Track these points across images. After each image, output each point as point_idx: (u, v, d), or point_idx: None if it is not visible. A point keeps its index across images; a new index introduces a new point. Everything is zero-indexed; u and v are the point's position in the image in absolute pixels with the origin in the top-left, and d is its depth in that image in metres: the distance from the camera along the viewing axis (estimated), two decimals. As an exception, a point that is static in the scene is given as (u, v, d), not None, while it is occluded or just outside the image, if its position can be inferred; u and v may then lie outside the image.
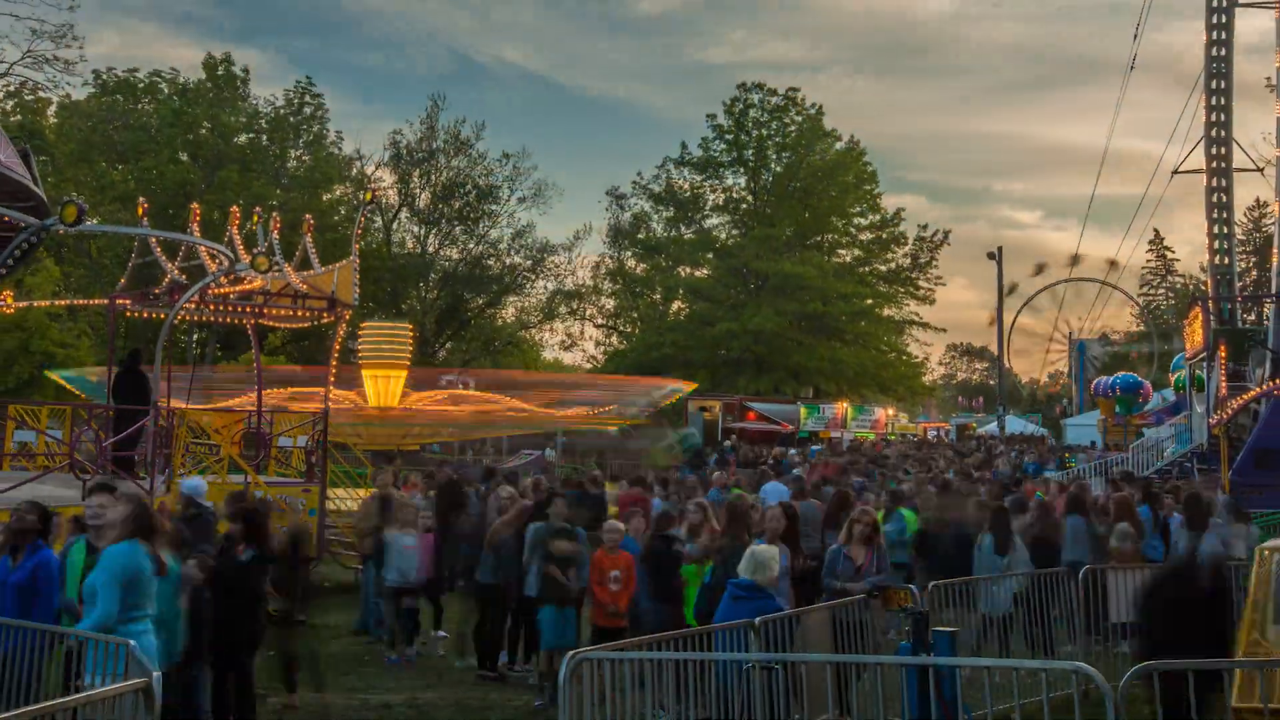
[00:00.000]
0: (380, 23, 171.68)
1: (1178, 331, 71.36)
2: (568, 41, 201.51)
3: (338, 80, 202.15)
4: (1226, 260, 48.10)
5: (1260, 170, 49.15)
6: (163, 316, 25.57)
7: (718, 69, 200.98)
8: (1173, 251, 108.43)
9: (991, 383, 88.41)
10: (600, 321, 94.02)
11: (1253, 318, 49.34)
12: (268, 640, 12.87)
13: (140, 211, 28.29)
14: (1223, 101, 47.65)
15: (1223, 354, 36.44)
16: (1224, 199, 48.00)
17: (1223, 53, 47.48)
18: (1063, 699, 9.62)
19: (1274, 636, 10.41)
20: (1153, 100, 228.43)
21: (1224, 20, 47.11)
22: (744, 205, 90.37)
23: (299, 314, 28.91)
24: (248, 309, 28.33)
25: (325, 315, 28.92)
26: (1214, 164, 47.57)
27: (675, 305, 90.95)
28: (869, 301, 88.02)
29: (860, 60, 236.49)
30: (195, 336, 67.18)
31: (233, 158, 71.32)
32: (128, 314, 28.82)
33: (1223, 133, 47.62)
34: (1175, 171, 51.90)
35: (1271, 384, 32.88)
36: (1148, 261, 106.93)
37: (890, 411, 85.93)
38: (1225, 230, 48.63)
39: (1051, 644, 15.17)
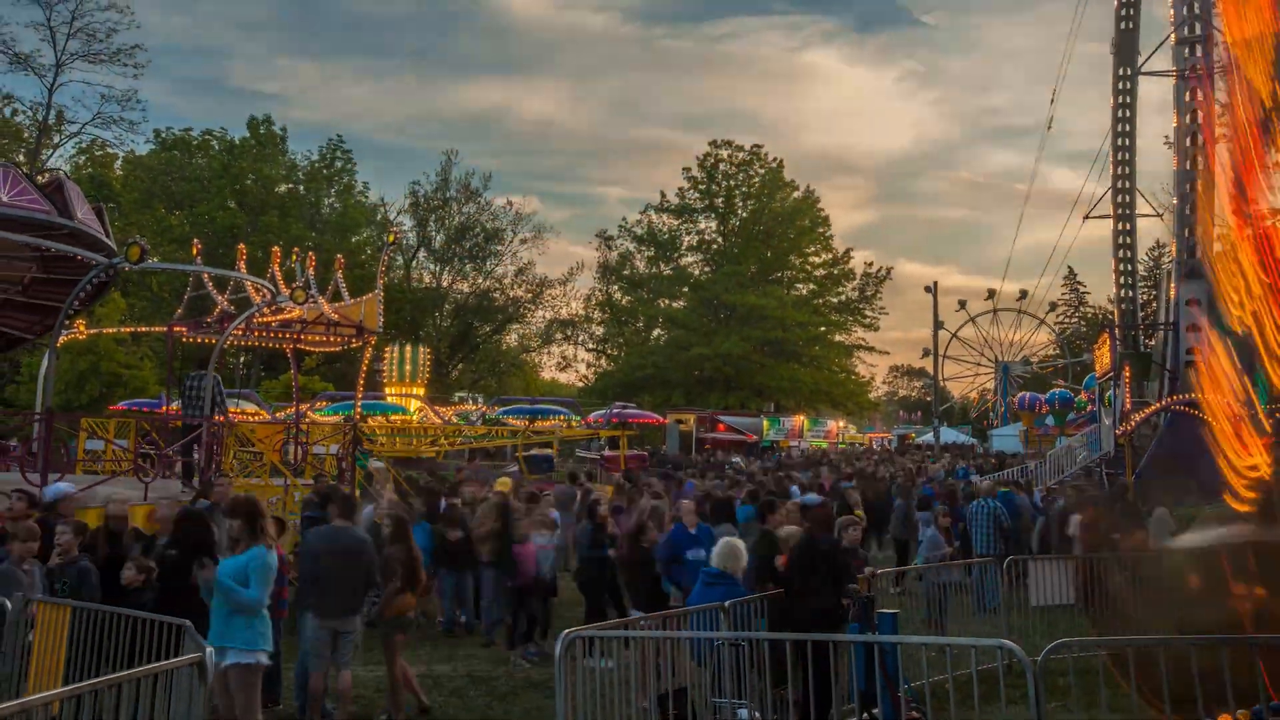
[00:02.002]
0: None
1: (1089, 354, 71.54)
2: None
3: None
4: (1131, 293, 48.36)
5: (1160, 216, 49.48)
6: (213, 341, 25.61)
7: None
8: (1084, 285, 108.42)
9: (928, 399, 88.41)
10: (591, 346, 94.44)
11: (1153, 342, 49.54)
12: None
13: (194, 251, 28.38)
14: (1127, 156, 47.94)
15: (1127, 373, 36.58)
16: (1129, 240, 48.28)
17: (1127, 114, 47.79)
18: (990, 671, 9.68)
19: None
20: (1065, 156, 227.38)
21: (1129, 86, 47.42)
22: (715, 246, 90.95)
23: (331, 339, 28.98)
24: (287, 335, 28.37)
25: (354, 340, 29.01)
26: (1120, 210, 47.84)
27: (655, 332, 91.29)
28: (822, 329, 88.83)
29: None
30: (242, 359, 67.29)
31: (274, 205, 71.76)
32: (184, 339, 28.86)
33: (1127, 184, 47.89)
34: (1087, 217, 52.10)
35: (1169, 399, 33.00)
36: (1063, 294, 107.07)
37: (840, 423, 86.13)
38: (1129, 268, 48.92)
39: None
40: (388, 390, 52.51)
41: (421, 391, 52.45)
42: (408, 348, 55.97)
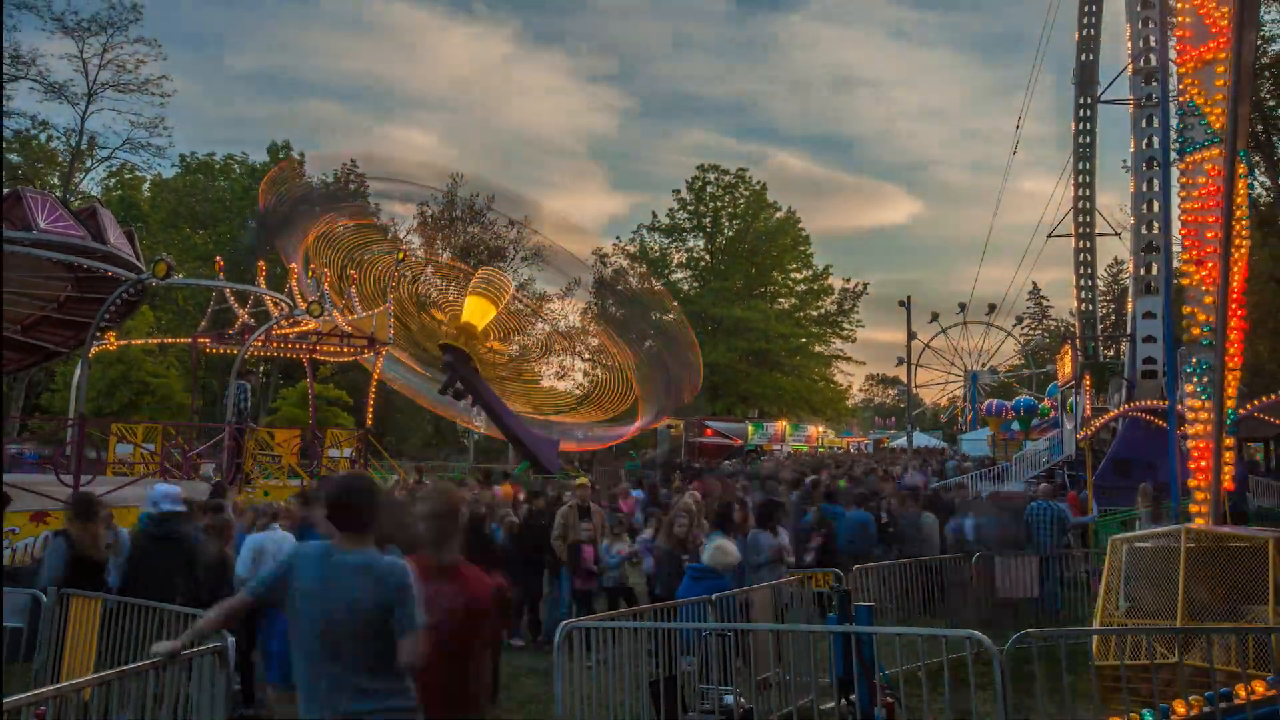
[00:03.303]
0: None
1: (1052, 364, 71.63)
2: None
3: None
4: (1091, 307, 48.49)
5: (1118, 234, 49.56)
6: (235, 352, 25.61)
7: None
8: (1047, 299, 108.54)
9: (902, 405, 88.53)
10: (587, 357, 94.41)
11: (1111, 353, 49.62)
12: None
13: (217, 268, 28.48)
14: (1088, 179, 48.04)
15: (1088, 382, 36.60)
16: (1089, 258, 48.38)
17: (1087, 140, 47.89)
18: (959, 659, 9.68)
19: (1123, 609, 10.53)
20: (1031, 178, 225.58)
21: (1088, 114, 47.53)
22: (702, 263, 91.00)
23: (345, 350, 29.02)
24: (304, 346, 28.43)
25: (366, 350, 29.03)
26: (1081, 229, 47.94)
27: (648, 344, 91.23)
28: (803, 340, 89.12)
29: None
30: (261, 369, 67.18)
31: (292, 224, 71.71)
32: (207, 350, 28.88)
33: (1087, 204, 47.99)
34: (1050, 236, 52.19)
35: (1127, 406, 33.00)
36: (1028, 308, 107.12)
37: (820, 429, 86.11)
38: (1090, 283, 49.05)
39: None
40: (469, 298, 51.86)
41: (493, 311, 51.99)
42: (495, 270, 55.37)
